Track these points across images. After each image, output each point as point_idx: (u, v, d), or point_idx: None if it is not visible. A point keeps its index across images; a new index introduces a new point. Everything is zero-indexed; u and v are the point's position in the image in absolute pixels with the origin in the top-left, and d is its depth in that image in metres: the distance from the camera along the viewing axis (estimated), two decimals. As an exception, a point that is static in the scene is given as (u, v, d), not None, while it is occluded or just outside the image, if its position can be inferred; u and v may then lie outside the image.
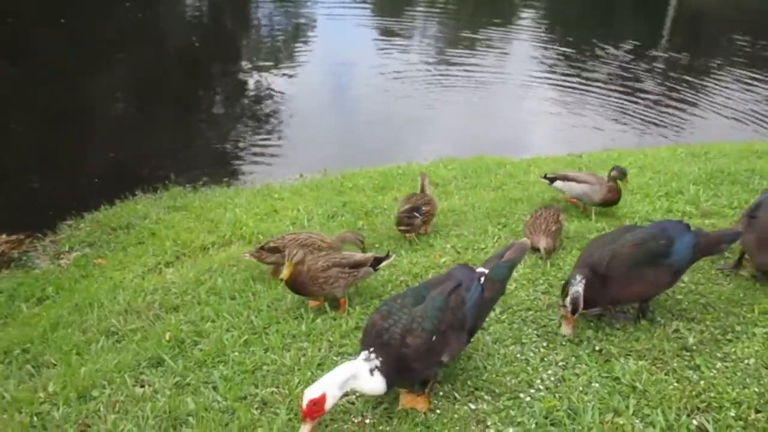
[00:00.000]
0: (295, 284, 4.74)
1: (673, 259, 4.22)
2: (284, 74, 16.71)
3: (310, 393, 3.12)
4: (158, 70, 16.56)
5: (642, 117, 14.40)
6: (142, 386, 4.13)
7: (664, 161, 8.89)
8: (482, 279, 3.80)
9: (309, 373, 3.98)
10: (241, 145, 12.42)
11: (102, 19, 20.33)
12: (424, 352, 3.38)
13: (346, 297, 4.91)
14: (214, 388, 3.97)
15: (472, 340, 3.83)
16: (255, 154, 11.99)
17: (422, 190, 6.44)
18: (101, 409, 3.90)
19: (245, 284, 5.51)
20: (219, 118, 14.00)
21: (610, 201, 6.47)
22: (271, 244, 5.54)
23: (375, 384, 3.28)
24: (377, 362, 3.29)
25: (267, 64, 17.69)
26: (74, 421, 3.84)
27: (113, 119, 13.58)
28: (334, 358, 4.18)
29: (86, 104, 13.91)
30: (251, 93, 15.48)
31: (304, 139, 12.63)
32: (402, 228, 6.14)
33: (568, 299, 4.05)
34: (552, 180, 6.85)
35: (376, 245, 6.23)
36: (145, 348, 4.58)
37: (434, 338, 3.41)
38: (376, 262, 4.98)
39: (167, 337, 4.66)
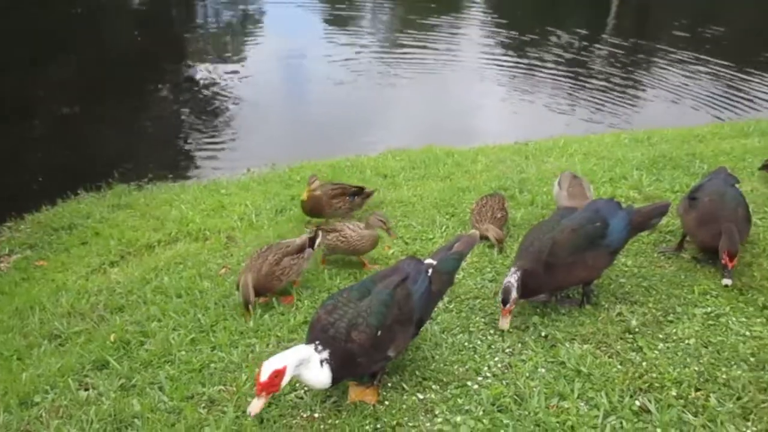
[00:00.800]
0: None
1: (610, 240, 4.32)
2: (231, 67, 16.52)
3: (272, 364, 3.10)
4: (100, 65, 16.21)
5: (591, 103, 14.65)
6: (87, 389, 4.05)
7: (609, 147, 9.06)
8: (430, 271, 3.82)
9: (257, 370, 3.94)
10: (187, 140, 12.25)
11: (41, 12, 19.80)
12: (369, 347, 3.38)
13: (295, 292, 4.90)
14: (161, 389, 3.93)
15: (420, 332, 3.85)
16: (201, 149, 11.84)
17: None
18: (43, 414, 3.82)
19: (192, 282, 5.44)
20: (164, 114, 13.78)
21: None
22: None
23: (322, 376, 3.28)
24: (326, 354, 3.29)
25: (213, 57, 17.48)
26: (16, 429, 3.75)
27: (53, 116, 13.25)
28: (283, 353, 4.16)
29: (25, 102, 13.55)
30: (197, 87, 15.27)
31: (251, 133, 12.51)
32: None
33: (500, 291, 4.10)
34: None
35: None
36: (89, 350, 4.50)
37: (379, 333, 3.42)
38: (311, 242, 5.11)
39: (112, 339, 4.58)
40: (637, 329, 4.14)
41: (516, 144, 10.19)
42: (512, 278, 4.09)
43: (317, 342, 3.32)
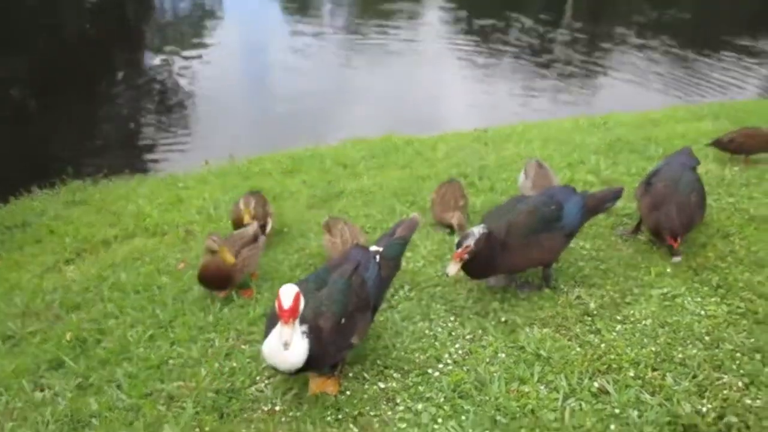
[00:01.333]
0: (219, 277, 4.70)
1: (565, 222, 4.37)
2: (188, 58, 16.34)
3: (289, 288, 3.11)
4: (52, 57, 15.88)
5: (552, 89, 14.80)
6: (42, 390, 3.98)
7: (567, 132, 9.15)
8: (377, 258, 3.85)
9: (216, 365, 3.93)
10: (143, 133, 12.10)
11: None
12: (335, 334, 3.38)
13: (254, 285, 4.87)
14: (118, 387, 3.87)
15: (374, 318, 3.87)
16: (158, 142, 11.70)
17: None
18: (-3, 417, 3.74)
19: (150, 278, 5.38)
20: (119, 107, 13.57)
21: None
22: None
23: (300, 347, 3.22)
24: (305, 328, 3.27)
25: (170, 48, 17.25)
26: (-32, 433, 3.68)
27: (3, 110, 12.94)
28: (243, 346, 4.14)
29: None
30: (153, 79, 15.06)
31: (209, 125, 12.40)
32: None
33: (463, 237, 4.11)
34: None
35: (285, 229, 6.19)
36: (44, 350, 4.42)
37: (343, 321, 3.42)
38: (262, 229, 5.16)
39: (68, 338, 4.51)
40: (595, 312, 4.19)
41: (475, 131, 10.23)
42: (476, 229, 4.11)
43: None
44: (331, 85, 14.63)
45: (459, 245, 4.08)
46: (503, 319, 4.19)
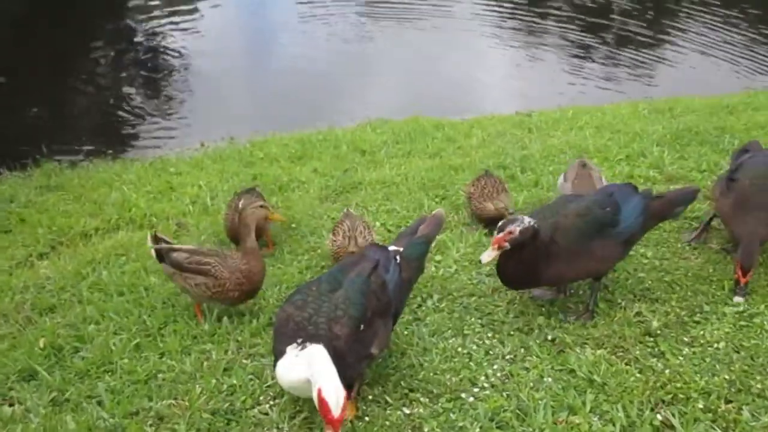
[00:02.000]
0: None
1: (622, 228, 4.32)
2: (181, 24, 16.40)
3: (330, 391, 3.06)
4: (24, 24, 15.96)
5: (606, 67, 14.69)
6: (12, 405, 4.00)
7: (625, 119, 9.10)
8: (398, 258, 3.86)
9: (213, 381, 3.94)
10: (129, 110, 12.14)
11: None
12: (354, 342, 3.39)
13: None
14: (99, 404, 3.89)
15: (394, 328, 3.87)
16: (147, 121, 11.76)
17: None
18: (-40, 435, 3.78)
19: (136, 277, 5.41)
20: (101, 80, 13.64)
21: None
22: None
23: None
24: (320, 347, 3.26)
25: (160, 13, 17.28)
26: (-74, 452, 3.72)
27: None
28: (244, 361, 4.15)
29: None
30: (141, 49, 15.16)
31: (205, 102, 12.44)
32: None
33: (507, 224, 4.09)
34: None
35: (293, 225, 6.20)
36: (14, 359, 4.44)
37: (362, 327, 3.43)
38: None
39: (42, 345, 4.53)
40: (658, 331, 4.16)
41: (517, 115, 10.20)
42: (527, 218, 4.10)
43: (299, 340, 3.29)
44: (348, 57, 14.62)
45: (501, 229, 4.07)
46: (550, 337, 4.17)
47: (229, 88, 13.15)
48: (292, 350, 3.26)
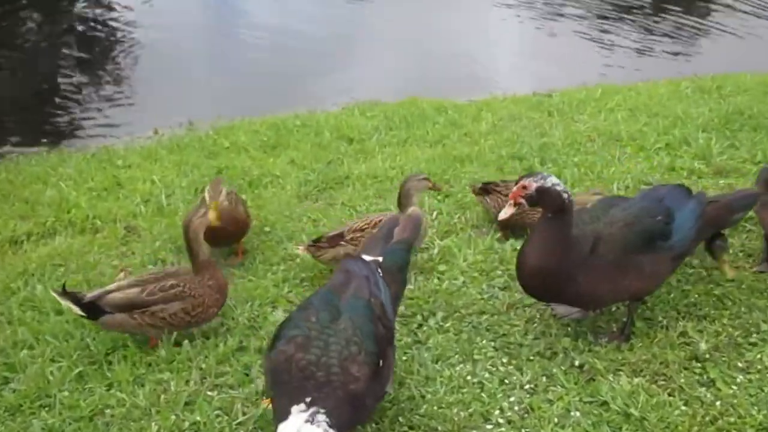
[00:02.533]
0: None
1: (675, 240, 4.29)
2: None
3: None
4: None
5: (640, 37, 14.68)
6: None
7: (664, 101, 9.10)
8: (379, 271, 3.83)
9: (173, 417, 3.93)
10: (67, 92, 12.10)
11: None
12: (371, 382, 3.33)
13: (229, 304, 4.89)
14: (35, 445, 3.89)
15: None
16: (88, 104, 11.72)
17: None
18: None
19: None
20: (32, 56, 13.58)
21: None
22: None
23: None
24: (324, 417, 3.12)
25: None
26: None
27: None
28: (210, 393, 4.14)
29: None
30: (80, 18, 15.09)
31: (159, 82, 12.38)
32: None
33: (525, 177, 4.09)
34: None
35: (266, 229, 6.19)
36: (-71, 391, 4.44)
37: (381, 362, 3.41)
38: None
39: (-37, 375, 4.53)
40: (707, 355, 4.16)
41: (535, 96, 10.20)
42: (551, 179, 4.05)
43: (307, 400, 3.17)
44: (331, 27, 14.60)
45: (528, 176, 4.06)
46: (577, 363, 4.17)
47: (188, 64, 13.12)
48: (298, 414, 3.12)
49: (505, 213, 4.10)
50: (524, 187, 4.03)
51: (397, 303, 3.97)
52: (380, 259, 3.94)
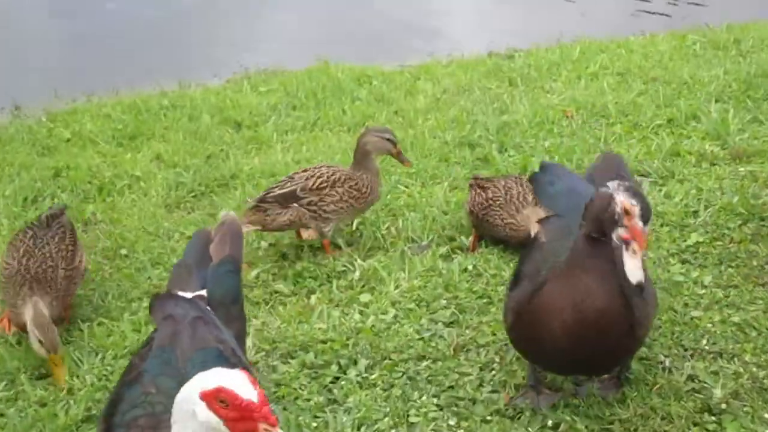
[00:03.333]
0: None
1: None
2: None
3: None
4: None
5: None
6: None
7: (665, 61, 9.21)
8: (208, 309, 3.85)
9: None
10: None
11: None
12: None
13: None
14: None
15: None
16: None
17: None
18: None
19: None
20: None
21: None
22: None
23: None
24: None
25: None
26: None
27: None
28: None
29: None
30: None
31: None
32: None
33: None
34: None
35: (122, 250, 6.16)
36: None
37: None
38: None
39: None
40: (723, 405, 4.21)
41: (492, 57, 10.27)
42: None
43: None
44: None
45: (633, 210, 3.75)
46: (550, 423, 4.20)
47: (11, 29, 13.01)
48: None
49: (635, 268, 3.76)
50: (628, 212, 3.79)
51: (243, 347, 3.99)
52: (203, 292, 3.94)
